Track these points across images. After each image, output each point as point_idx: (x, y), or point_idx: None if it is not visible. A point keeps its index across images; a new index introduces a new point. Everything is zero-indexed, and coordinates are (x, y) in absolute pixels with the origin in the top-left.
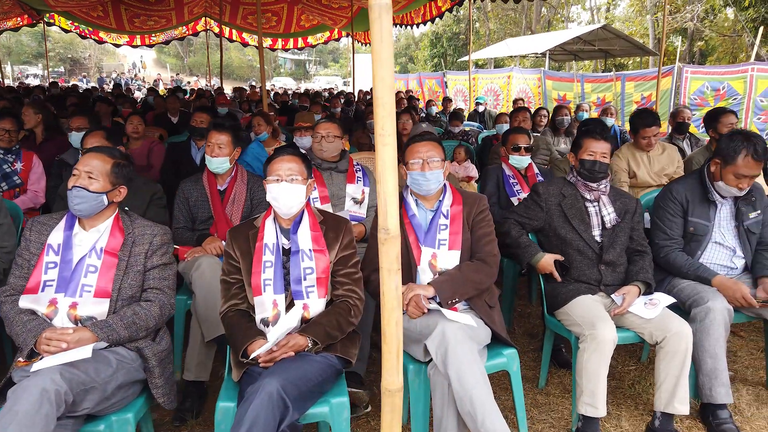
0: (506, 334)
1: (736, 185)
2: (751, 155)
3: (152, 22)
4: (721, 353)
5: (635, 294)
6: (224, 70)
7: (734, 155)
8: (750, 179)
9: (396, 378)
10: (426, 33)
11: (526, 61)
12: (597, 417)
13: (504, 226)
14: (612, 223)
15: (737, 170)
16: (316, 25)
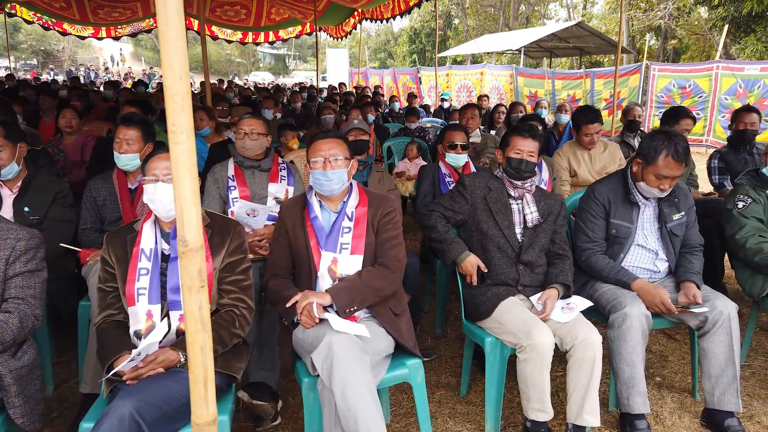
0: (413, 344)
1: (657, 186)
2: (672, 155)
3: (117, 13)
4: (639, 361)
5: (555, 297)
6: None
7: (655, 155)
8: (672, 180)
9: (205, 410)
10: (405, 29)
11: (504, 57)
12: (545, 421)
13: (430, 219)
14: (534, 223)
15: (658, 171)
16: (287, 18)
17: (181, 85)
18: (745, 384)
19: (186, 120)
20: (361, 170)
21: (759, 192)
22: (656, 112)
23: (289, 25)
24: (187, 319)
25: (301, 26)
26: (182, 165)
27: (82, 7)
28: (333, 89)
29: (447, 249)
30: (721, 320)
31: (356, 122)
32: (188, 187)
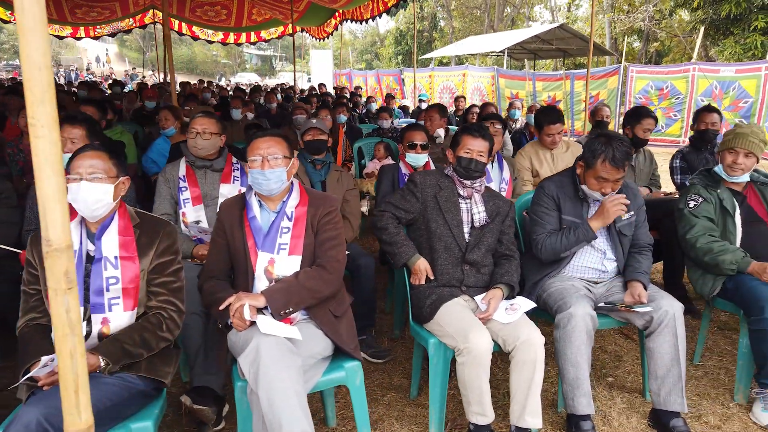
0: (354, 346)
1: (598, 189)
2: (609, 161)
3: (95, 13)
4: (583, 361)
5: (499, 297)
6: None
7: (593, 160)
8: (613, 183)
9: (77, 418)
10: (391, 30)
11: (489, 59)
12: (487, 424)
13: (382, 220)
14: (481, 223)
15: (597, 174)
16: (269, 19)
17: (41, 76)
18: (696, 384)
19: (47, 112)
20: (319, 169)
21: (710, 191)
22: None
23: (270, 26)
24: (54, 324)
25: (284, 27)
26: (44, 160)
27: (60, 6)
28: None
29: (398, 252)
30: (666, 320)
31: (314, 122)
32: (51, 184)
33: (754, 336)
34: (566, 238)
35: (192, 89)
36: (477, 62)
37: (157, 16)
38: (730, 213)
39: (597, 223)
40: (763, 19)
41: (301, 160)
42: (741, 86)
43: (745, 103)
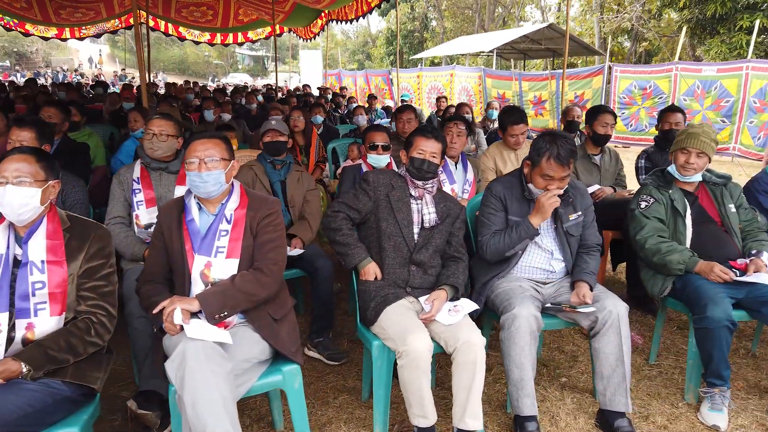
0: (294, 349)
1: (544, 187)
2: (554, 158)
3: (80, 14)
4: (527, 362)
5: (443, 299)
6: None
7: (538, 157)
8: (559, 182)
9: None
10: (382, 30)
11: (479, 59)
12: (430, 426)
13: (335, 221)
14: (431, 224)
15: (542, 172)
16: (255, 20)
17: None
18: (649, 383)
19: None
20: (278, 169)
21: (662, 192)
22: (618, 113)
23: (258, 27)
24: None
25: (271, 27)
26: None
27: (44, 7)
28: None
29: (350, 254)
30: (611, 320)
31: (273, 123)
32: None
33: (698, 335)
34: (508, 236)
35: (176, 90)
36: (467, 62)
37: (142, 16)
38: (680, 213)
39: (536, 219)
40: (748, 18)
41: (261, 161)
42: (723, 86)
43: (727, 102)
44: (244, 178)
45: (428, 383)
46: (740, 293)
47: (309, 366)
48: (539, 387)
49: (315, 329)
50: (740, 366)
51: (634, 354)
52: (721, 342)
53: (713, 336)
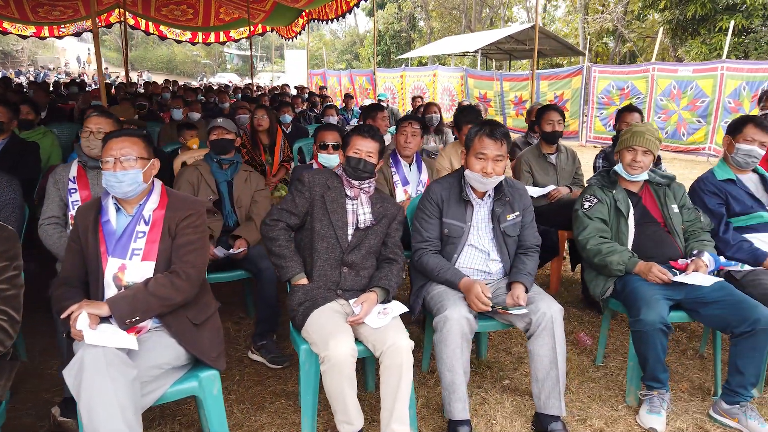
0: (215, 355)
1: (481, 170)
2: (486, 135)
3: (57, 12)
4: (458, 366)
5: (373, 301)
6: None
7: (471, 140)
8: (493, 162)
9: None
10: (370, 31)
11: (466, 60)
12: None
13: (274, 230)
14: (366, 224)
15: (476, 151)
16: (237, 19)
17: None
18: (592, 386)
19: None
20: (225, 169)
21: (606, 192)
22: (597, 113)
23: (240, 26)
24: None
25: (253, 26)
26: None
27: (21, 5)
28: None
29: (284, 266)
30: (544, 322)
31: (219, 121)
32: None
33: (634, 337)
34: (438, 273)
35: (154, 89)
36: (453, 62)
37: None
38: (623, 214)
39: (463, 285)
40: (728, 19)
41: (207, 160)
42: (698, 86)
43: (702, 102)
44: (189, 177)
45: (352, 388)
46: (679, 294)
47: (251, 369)
48: (481, 390)
49: (259, 332)
50: (687, 367)
51: (582, 355)
52: (656, 345)
53: (647, 339)
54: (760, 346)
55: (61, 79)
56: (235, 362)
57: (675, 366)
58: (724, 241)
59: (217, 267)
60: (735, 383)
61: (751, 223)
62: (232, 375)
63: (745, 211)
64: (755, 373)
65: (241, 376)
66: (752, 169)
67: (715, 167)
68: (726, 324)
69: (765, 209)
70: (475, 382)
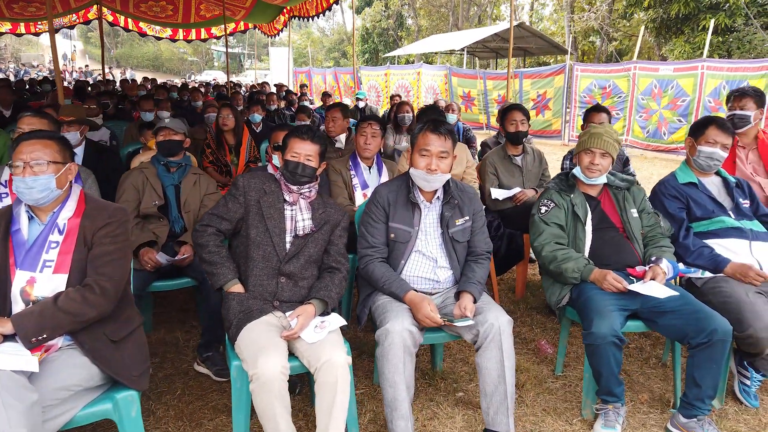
0: (137, 374)
1: (425, 168)
2: (429, 129)
3: (33, 8)
4: (400, 381)
5: (310, 314)
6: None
7: (415, 137)
8: (438, 158)
9: None
10: (357, 28)
11: (453, 58)
12: None
13: (203, 236)
14: (305, 231)
15: (419, 147)
16: (218, 15)
17: None
18: (549, 398)
19: None
20: (172, 172)
21: (564, 196)
22: (579, 112)
23: (220, 23)
24: None
25: (235, 23)
26: None
27: None
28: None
29: (215, 273)
30: (492, 334)
31: (166, 121)
32: None
33: (587, 351)
34: (384, 284)
35: (128, 87)
36: (440, 60)
37: (101, 11)
38: (580, 219)
39: (409, 299)
40: (711, 18)
41: (153, 163)
42: (679, 85)
43: (683, 101)
44: (133, 181)
45: (284, 408)
46: (635, 304)
47: (195, 382)
48: (432, 403)
49: (204, 342)
50: (649, 376)
51: (542, 364)
52: (608, 358)
53: (599, 352)
54: (716, 357)
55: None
56: (180, 375)
57: (636, 375)
58: (684, 246)
59: (162, 274)
60: (692, 396)
61: (713, 228)
62: (174, 389)
63: (707, 215)
64: (712, 385)
65: (183, 390)
66: (715, 172)
67: (677, 170)
68: (683, 334)
69: (727, 214)
70: (428, 395)
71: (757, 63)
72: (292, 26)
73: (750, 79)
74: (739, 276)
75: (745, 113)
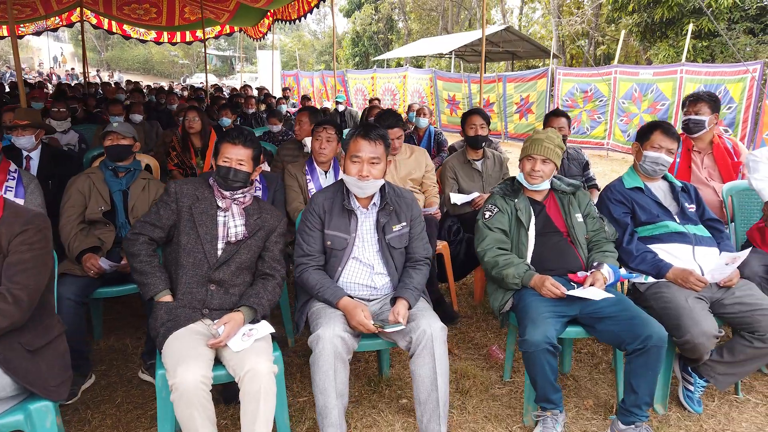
0: (54, 384)
1: (357, 174)
2: (360, 135)
3: (15, 11)
4: (331, 388)
5: (237, 322)
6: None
7: (348, 142)
8: (370, 164)
9: None
10: (348, 31)
11: (443, 61)
12: None
13: (135, 244)
14: (237, 238)
15: (350, 154)
16: (204, 18)
17: None
18: (492, 404)
19: None
20: (121, 177)
21: (508, 201)
22: None
23: (207, 25)
24: None
25: (220, 26)
26: None
27: None
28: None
29: (147, 283)
30: (424, 341)
31: (115, 125)
32: None
33: (523, 358)
34: (318, 291)
35: (108, 90)
36: (428, 64)
37: (85, 14)
38: (524, 224)
39: (343, 305)
40: (695, 23)
41: (101, 168)
42: (659, 89)
43: (663, 105)
44: (79, 186)
45: (207, 419)
46: (574, 310)
47: (137, 391)
48: (374, 410)
49: (148, 349)
50: (597, 381)
51: (492, 370)
52: (543, 366)
53: (533, 359)
54: (652, 363)
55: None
56: (124, 383)
57: (585, 381)
58: (628, 252)
59: (107, 280)
60: (629, 403)
61: (657, 233)
62: (115, 397)
63: (651, 220)
64: (649, 392)
65: (124, 399)
66: (662, 177)
67: (624, 174)
68: (620, 340)
69: (672, 218)
70: (371, 402)
71: (735, 67)
72: (284, 30)
73: (728, 83)
74: (680, 281)
75: (700, 118)
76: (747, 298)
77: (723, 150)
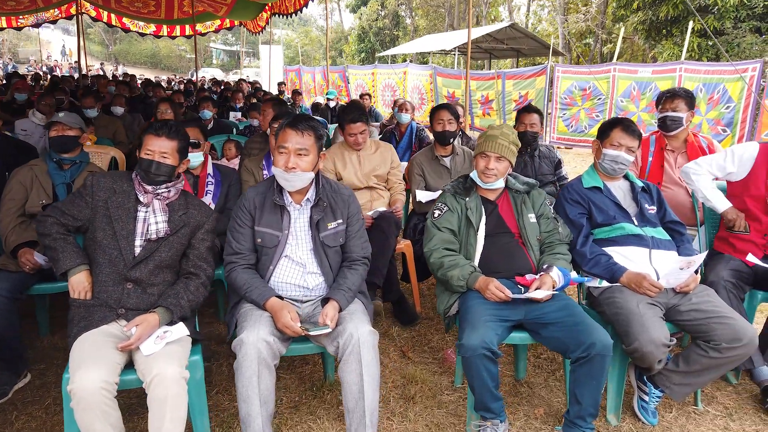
0: None
1: (283, 165)
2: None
3: (13, 2)
4: (254, 396)
5: (151, 323)
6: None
7: (277, 133)
8: (297, 156)
9: None
10: (354, 27)
11: (448, 58)
12: None
13: (44, 226)
14: (158, 235)
15: (278, 144)
16: (202, 12)
17: None
18: (436, 412)
19: None
20: (65, 169)
21: (459, 200)
22: (560, 114)
23: (205, 19)
24: None
25: (220, 20)
26: None
27: None
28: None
29: (59, 258)
30: (351, 347)
31: (60, 115)
32: None
33: (462, 362)
34: (246, 291)
35: (99, 84)
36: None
37: (83, 6)
38: (473, 224)
39: (270, 306)
40: (692, 21)
41: (45, 159)
42: (657, 87)
43: None
44: (21, 178)
45: (109, 427)
46: (518, 314)
47: None
48: (312, 417)
49: None
50: (552, 389)
51: (444, 375)
52: (480, 372)
53: (470, 365)
54: (596, 373)
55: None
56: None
57: (539, 388)
58: (581, 254)
59: (45, 276)
60: (573, 413)
61: (613, 235)
62: (45, 399)
63: (608, 221)
64: (593, 403)
65: (54, 401)
66: (624, 176)
67: (584, 173)
68: (564, 347)
69: (630, 220)
70: (310, 408)
71: (734, 66)
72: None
73: (726, 81)
74: (634, 286)
75: (677, 115)
76: (704, 305)
77: (698, 149)
